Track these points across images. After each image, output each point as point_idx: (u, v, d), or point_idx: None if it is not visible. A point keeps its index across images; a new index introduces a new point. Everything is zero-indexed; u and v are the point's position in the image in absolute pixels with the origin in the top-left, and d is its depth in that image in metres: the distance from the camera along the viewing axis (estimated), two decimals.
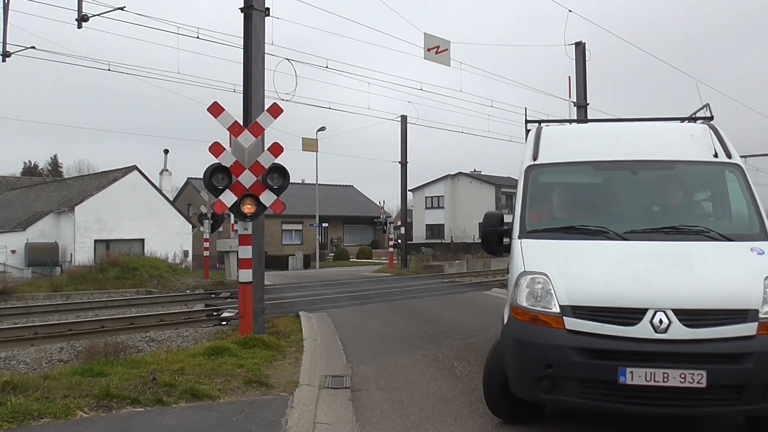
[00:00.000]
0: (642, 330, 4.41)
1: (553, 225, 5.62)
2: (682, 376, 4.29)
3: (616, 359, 4.40)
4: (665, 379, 4.31)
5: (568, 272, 4.82)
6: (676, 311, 4.42)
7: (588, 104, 19.93)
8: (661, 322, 4.40)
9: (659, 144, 6.03)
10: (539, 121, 6.93)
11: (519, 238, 5.40)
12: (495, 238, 5.75)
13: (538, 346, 4.61)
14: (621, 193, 5.98)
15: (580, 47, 19.91)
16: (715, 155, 5.73)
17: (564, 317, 4.59)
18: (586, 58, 19.86)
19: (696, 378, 4.29)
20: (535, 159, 5.98)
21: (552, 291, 4.70)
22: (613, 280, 4.70)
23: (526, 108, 7.35)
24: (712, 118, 6.46)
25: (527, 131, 7.09)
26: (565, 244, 5.20)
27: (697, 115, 6.77)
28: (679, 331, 4.38)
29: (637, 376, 4.34)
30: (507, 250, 5.65)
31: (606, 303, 4.55)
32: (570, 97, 20.16)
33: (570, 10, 18.96)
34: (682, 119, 6.91)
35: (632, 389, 4.38)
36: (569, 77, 20.18)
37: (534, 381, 4.63)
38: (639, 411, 4.49)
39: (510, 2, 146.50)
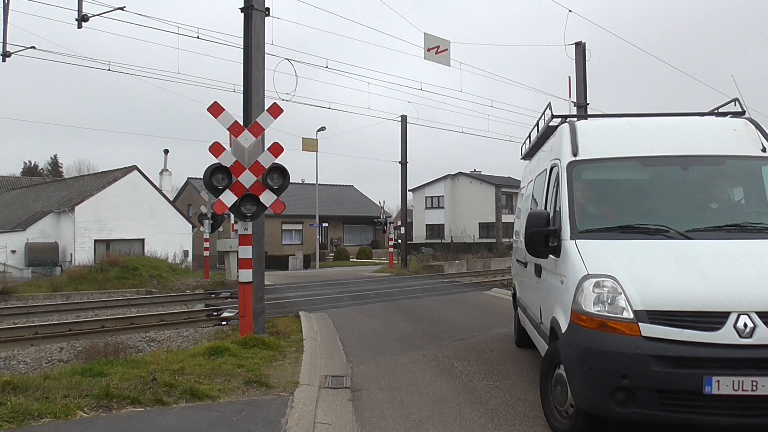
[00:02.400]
0: (726, 335, 4.16)
1: (607, 224, 5.24)
2: None
3: (700, 367, 4.12)
4: (754, 388, 4.06)
5: (638, 274, 4.49)
6: (760, 314, 4.18)
7: (588, 104, 19.93)
8: (745, 326, 4.16)
9: (704, 139, 5.75)
10: (565, 116, 6.60)
11: (572, 238, 5.04)
12: (542, 240, 5.30)
13: (611, 355, 4.25)
14: (672, 189, 5.63)
15: (580, 47, 19.91)
16: (763, 149, 5.57)
17: (639, 323, 4.28)
18: (586, 58, 19.87)
19: None
20: (575, 155, 5.63)
21: (623, 295, 4.38)
22: (689, 282, 4.41)
23: (549, 102, 6.93)
24: (743, 112, 6.22)
25: (550, 127, 6.78)
26: (626, 245, 4.87)
27: (725, 109, 6.49)
28: (765, 335, 4.14)
29: (723, 385, 4.07)
30: (554, 252, 5.27)
31: (685, 307, 4.27)
32: (570, 97, 20.17)
33: (570, 10, 18.99)
34: (711, 113, 6.61)
35: (718, 399, 4.10)
36: (569, 77, 20.21)
37: (607, 393, 4.27)
38: (726, 423, 4.19)
39: (510, 2, 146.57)
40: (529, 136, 8.50)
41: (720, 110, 6.53)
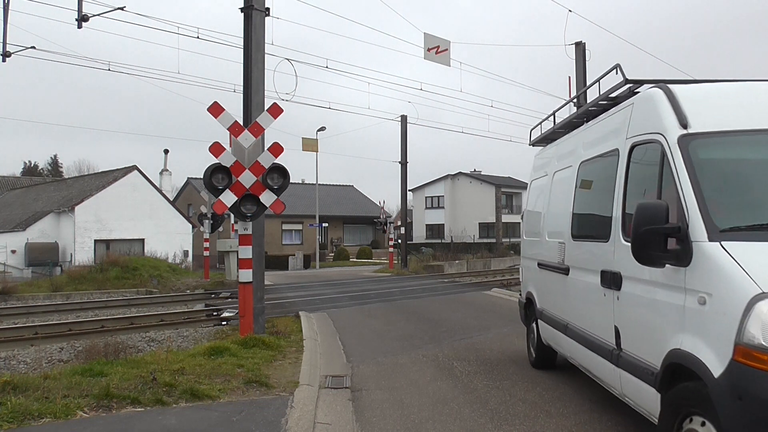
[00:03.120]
0: None
1: (756, 220, 3.89)
2: None
3: None
4: None
5: None
6: None
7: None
8: None
9: None
10: (641, 81, 5.34)
11: (712, 240, 3.67)
12: (659, 241, 3.88)
13: None
14: None
15: (580, 47, 19.90)
16: None
17: None
18: (586, 58, 19.88)
19: None
20: (685, 127, 4.25)
21: None
22: None
23: (618, 64, 5.66)
24: None
25: (617, 97, 5.73)
26: None
27: None
28: None
29: None
30: (674, 258, 3.88)
31: None
32: (570, 97, 20.18)
33: (570, 10, 19.01)
34: None
35: None
36: (569, 77, 20.20)
37: None
38: None
39: (510, 2, 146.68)
40: (554, 115, 7.62)
41: None
